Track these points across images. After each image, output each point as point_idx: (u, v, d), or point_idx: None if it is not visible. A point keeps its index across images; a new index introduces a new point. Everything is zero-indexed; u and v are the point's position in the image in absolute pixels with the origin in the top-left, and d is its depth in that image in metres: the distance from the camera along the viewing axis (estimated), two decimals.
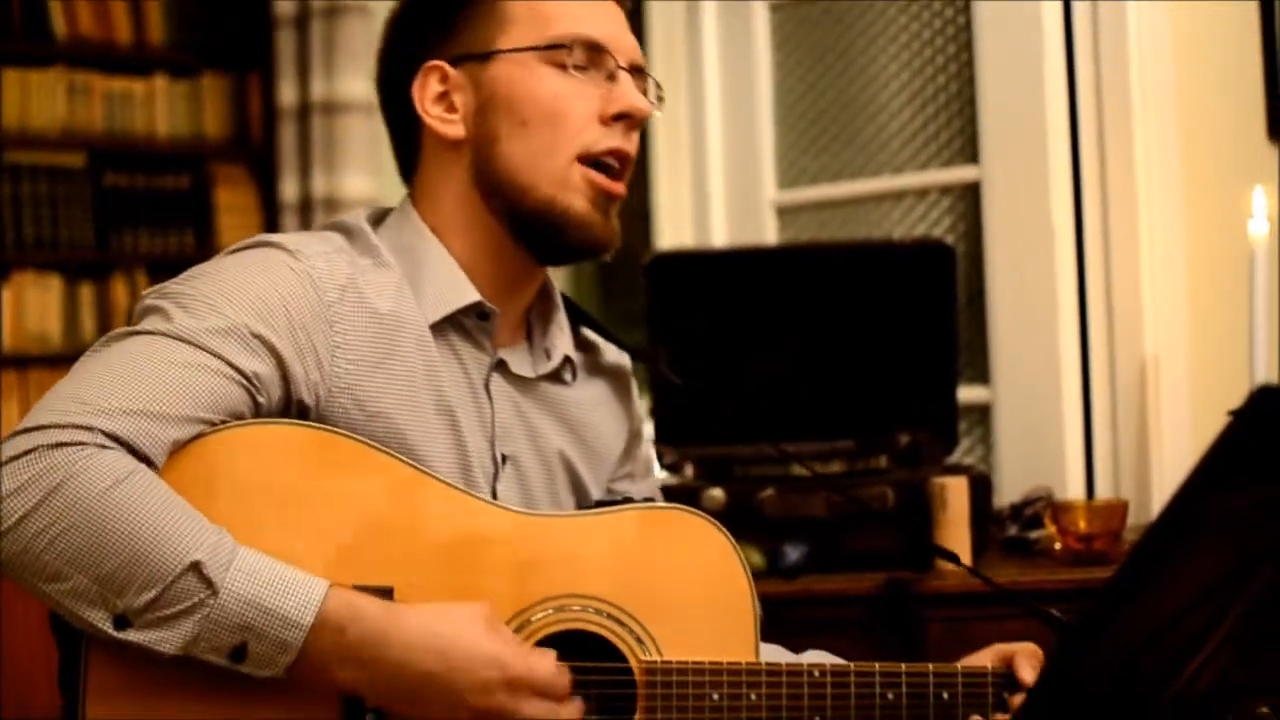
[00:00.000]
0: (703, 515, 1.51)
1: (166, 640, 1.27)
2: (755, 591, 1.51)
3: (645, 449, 1.78)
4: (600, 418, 1.68)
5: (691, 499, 2.17)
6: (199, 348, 1.36)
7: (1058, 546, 2.27)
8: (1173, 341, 2.64)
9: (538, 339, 1.62)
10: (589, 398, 1.67)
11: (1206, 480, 0.98)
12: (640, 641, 1.46)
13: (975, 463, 2.85)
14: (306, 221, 3.89)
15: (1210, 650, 1.08)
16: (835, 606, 2.20)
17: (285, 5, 4.00)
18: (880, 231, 3.05)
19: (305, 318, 1.42)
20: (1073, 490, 2.65)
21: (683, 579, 1.48)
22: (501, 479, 1.55)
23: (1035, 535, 2.39)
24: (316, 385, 1.43)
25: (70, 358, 1.40)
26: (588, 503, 1.64)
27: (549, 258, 1.57)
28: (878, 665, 1.50)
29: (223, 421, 1.37)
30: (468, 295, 1.52)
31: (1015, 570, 2.22)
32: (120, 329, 1.40)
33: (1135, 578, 1.01)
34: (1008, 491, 2.65)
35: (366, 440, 1.42)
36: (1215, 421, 1.02)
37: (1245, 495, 1.02)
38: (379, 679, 1.32)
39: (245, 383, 1.38)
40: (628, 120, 1.53)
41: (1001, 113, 2.80)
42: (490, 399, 1.56)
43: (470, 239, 1.55)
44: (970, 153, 2.91)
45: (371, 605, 1.32)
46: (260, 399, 1.39)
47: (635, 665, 1.45)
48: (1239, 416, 0.97)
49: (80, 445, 1.28)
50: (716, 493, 2.30)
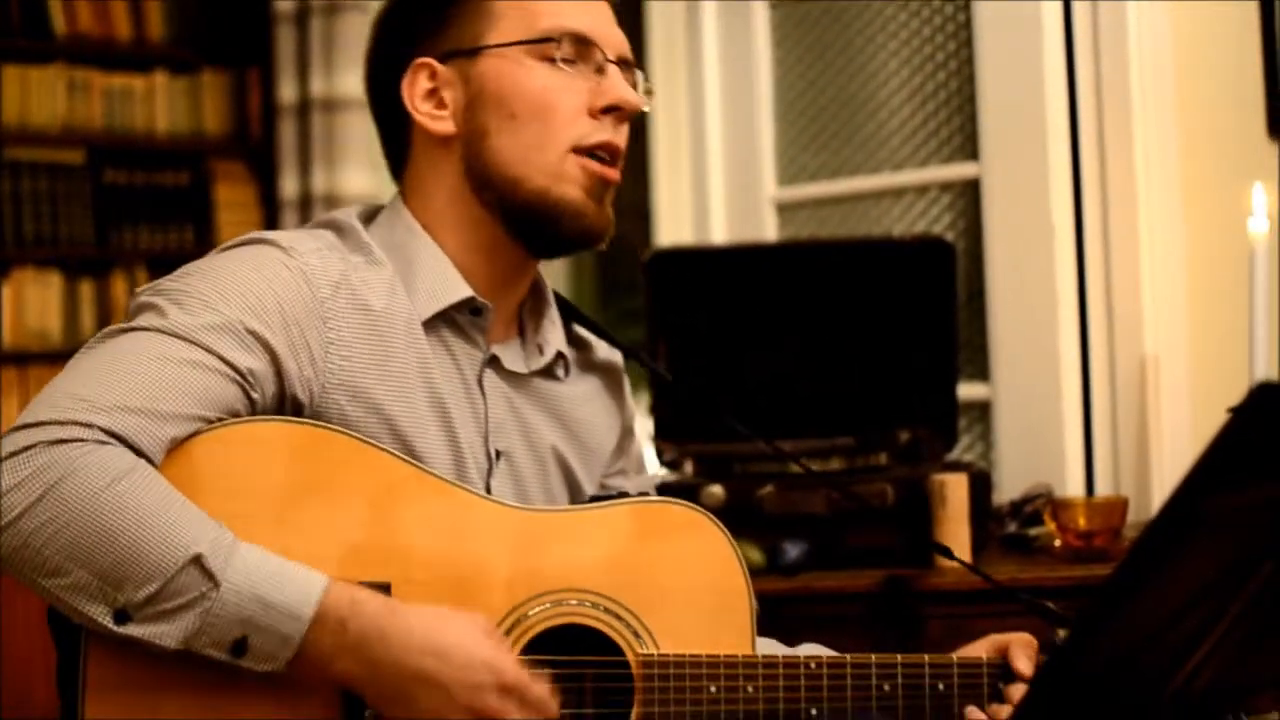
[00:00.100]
0: (697, 508, 1.51)
1: (167, 634, 1.28)
2: (751, 584, 1.51)
3: (638, 445, 1.79)
4: (593, 413, 1.69)
5: (691, 496, 2.17)
6: (194, 344, 1.37)
7: (1057, 543, 2.27)
8: (1172, 338, 2.64)
9: (530, 334, 1.62)
10: (582, 394, 1.68)
11: (1206, 477, 0.98)
12: (637, 635, 1.46)
13: (975, 460, 2.85)
14: (306, 218, 3.89)
15: (1210, 648, 1.08)
16: (835, 604, 2.20)
17: (285, 2, 4.00)
18: (880, 228, 3.05)
19: (299, 314, 1.42)
20: (1072, 487, 2.65)
21: (678, 572, 1.49)
22: (496, 475, 1.55)
23: (1035, 532, 2.39)
24: (310, 382, 1.43)
25: (70, 354, 1.40)
26: (582, 498, 1.65)
27: (544, 250, 1.57)
28: (874, 657, 1.51)
29: (218, 418, 1.37)
30: (460, 291, 1.53)
31: (1015, 567, 2.22)
32: (115, 326, 1.40)
33: (1135, 575, 1.01)
34: (1007, 488, 2.65)
35: (361, 436, 1.42)
36: (1215, 418, 1.02)
37: (1245, 493, 1.02)
38: (376, 675, 1.32)
39: (240, 379, 1.38)
40: (617, 113, 1.53)
41: (1001, 110, 2.80)
42: (484, 395, 1.56)
43: (462, 234, 1.55)
44: (970, 149, 2.90)
45: (372, 601, 1.32)
46: (255, 395, 1.39)
47: (632, 659, 1.46)
48: (1239, 414, 0.97)
49: (79, 442, 1.28)
50: (716, 490, 2.30)
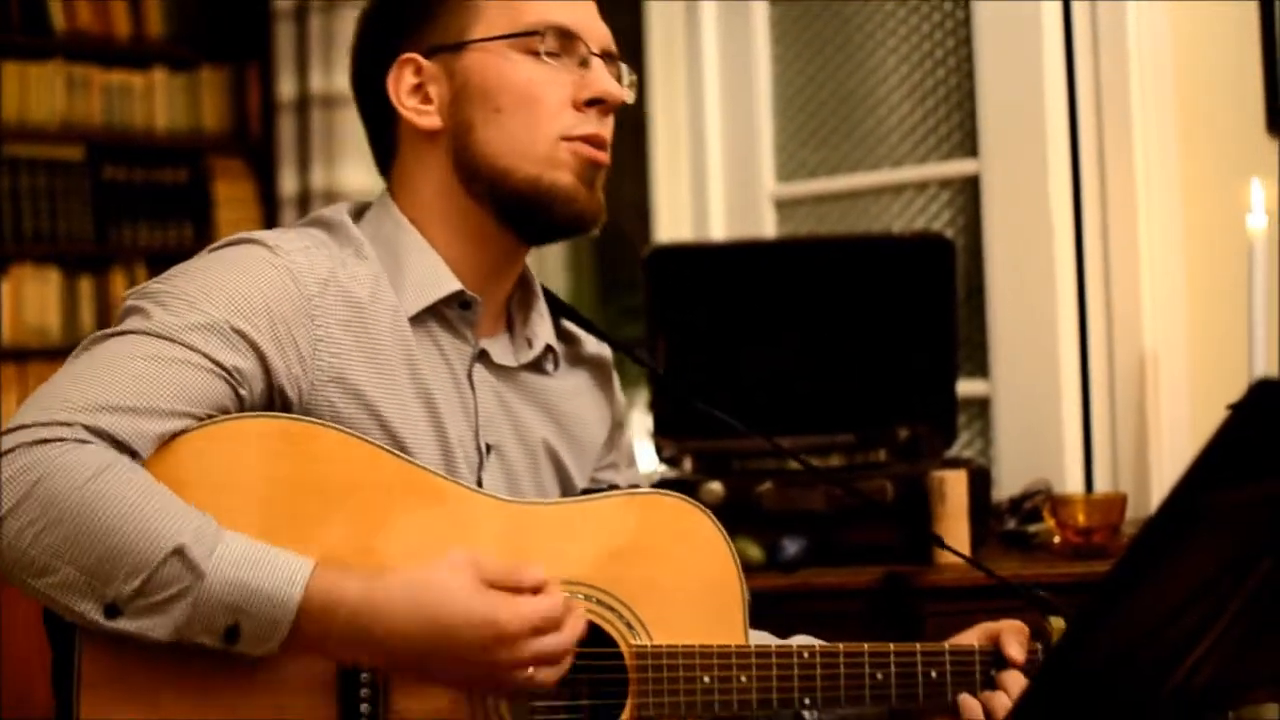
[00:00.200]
0: (688, 500, 1.52)
1: (158, 626, 1.28)
2: (742, 574, 1.52)
3: (628, 439, 1.79)
4: (582, 407, 1.69)
5: (690, 492, 2.17)
6: (180, 343, 1.37)
7: (1056, 540, 2.27)
8: (1172, 335, 2.64)
9: (518, 328, 1.62)
10: (571, 387, 1.68)
11: (1205, 474, 0.98)
12: (630, 626, 1.46)
13: (974, 456, 2.84)
14: (305, 214, 3.87)
15: (1209, 644, 1.08)
16: (834, 600, 2.20)
17: None
18: (879, 225, 3.05)
19: (286, 312, 1.42)
20: (1071, 484, 2.65)
21: (670, 563, 1.49)
22: (487, 468, 1.55)
23: (1034, 529, 2.39)
24: (299, 379, 1.43)
25: (69, 351, 1.41)
26: (573, 492, 1.64)
27: (536, 237, 1.57)
28: (866, 646, 1.51)
29: (207, 415, 1.37)
30: (449, 284, 1.53)
31: (1014, 564, 2.22)
32: (102, 331, 1.40)
33: (1134, 571, 1.01)
34: (1007, 485, 2.65)
35: (350, 431, 1.42)
36: (1214, 415, 1.02)
37: (1244, 489, 1.02)
38: (379, 655, 1.33)
39: (227, 377, 1.38)
40: (601, 106, 1.54)
41: (1001, 106, 2.80)
42: (473, 389, 1.56)
43: (451, 227, 1.55)
44: (969, 146, 2.90)
45: (353, 584, 1.31)
46: (243, 393, 1.39)
47: (625, 650, 1.46)
48: (1238, 410, 0.97)
49: (60, 441, 1.28)
50: (715, 486, 2.30)
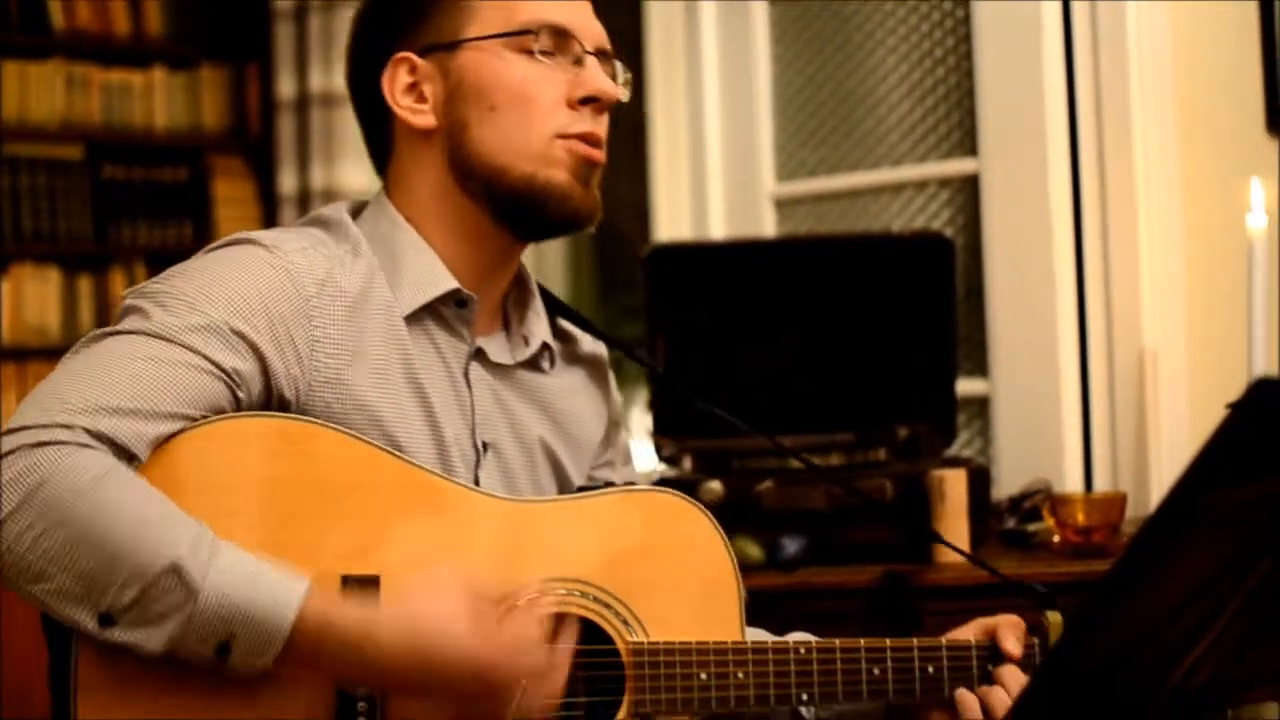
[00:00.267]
0: (684, 496, 1.52)
1: (151, 638, 1.27)
2: (739, 570, 1.52)
3: (624, 438, 1.79)
4: (579, 405, 1.69)
5: (690, 491, 2.17)
6: (179, 345, 1.36)
7: (1056, 539, 2.27)
8: (1171, 334, 2.64)
9: (515, 326, 1.63)
10: (567, 386, 1.68)
11: (1205, 473, 0.98)
12: (626, 623, 1.46)
13: (974, 455, 2.84)
14: (305, 213, 3.87)
15: (1208, 644, 1.08)
16: (834, 599, 2.20)
17: None
18: (879, 224, 3.04)
19: (284, 313, 1.42)
20: (1071, 483, 2.65)
21: (666, 560, 1.49)
22: (484, 467, 1.55)
23: (1034, 528, 2.39)
24: (297, 379, 1.43)
25: (68, 350, 1.40)
26: (570, 490, 1.64)
27: (532, 235, 1.58)
28: (863, 641, 1.51)
29: (203, 416, 1.37)
30: (445, 283, 1.53)
31: (1014, 563, 2.22)
32: (100, 329, 1.40)
33: (1133, 571, 1.01)
34: (1006, 484, 2.65)
35: (348, 431, 1.42)
36: (1214, 414, 1.02)
37: (1244, 488, 1.02)
38: (370, 677, 1.32)
39: (226, 378, 1.38)
40: (596, 104, 1.54)
41: (1000, 105, 2.80)
42: (470, 387, 1.56)
43: (447, 225, 1.55)
44: (969, 145, 2.90)
45: (346, 611, 1.31)
46: (240, 395, 1.39)
47: (622, 647, 1.46)
48: (1237, 409, 0.97)
49: (60, 444, 1.27)
50: (715, 485, 2.30)
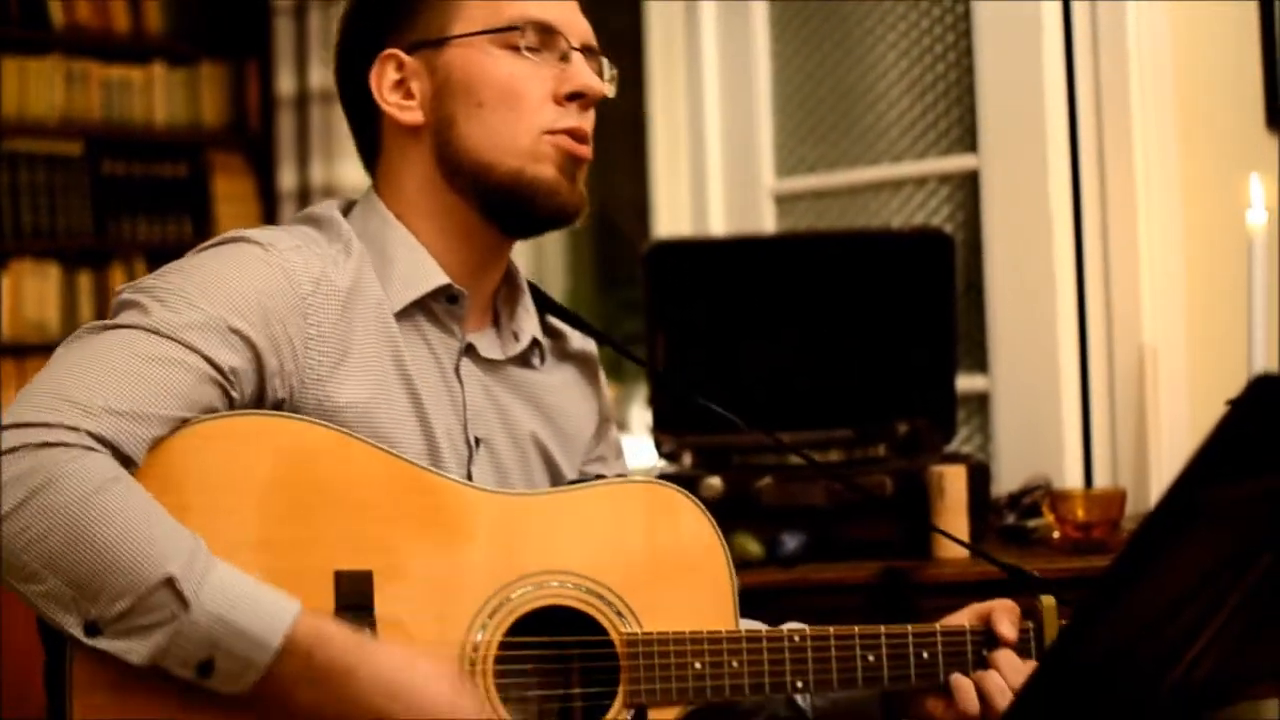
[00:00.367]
0: (675, 487, 1.53)
1: (135, 650, 1.27)
2: (731, 559, 1.52)
3: (615, 433, 1.80)
4: (570, 401, 1.69)
5: (689, 487, 2.17)
6: (177, 342, 1.36)
7: (1056, 535, 2.27)
8: (1171, 330, 2.64)
9: (505, 322, 1.63)
10: (558, 381, 1.68)
11: (1204, 469, 0.98)
12: (620, 614, 1.47)
13: (973, 451, 2.84)
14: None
15: (1208, 639, 1.08)
16: (833, 595, 2.20)
17: None
18: (879, 220, 3.05)
19: (280, 311, 1.43)
20: (1071, 479, 2.65)
21: (658, 550, 1.50)
22: (476, 462, 1.56)
23: (1033, 524, 2.39)
24: (290, 377, 1.43)
25: None
26: (562, 485, 1.65)
27: (519, 230, 1.58)
28: (857, 629, 1.52)
29: (197, 417, 1.37)
30: (435, 279, 1.53)
31: (1013, 559, 2.21)
32: (96, 322, 1.39)
33: (1133, 566, 1.01)
34: (1006, 480, 2.65)
35: (342, 429, 1.42)
36: (1213, 410, 1.02)
37: (1244, 484, 1.02)
38: (339, 709, 1.30)
39: (221, 378, 1.38)
40: (582, 100, 1.55)
41: (1000, 101, 2.80)
42: (461, 383, 1.56)
43: (435, 221, 1.56)
44: (969, 141, 2.90)
45: (340, 635, 1.31)
46: (234, 394, 1.40)
47: (616, 638, 1.46)
48: (1237, 405, 0.97)
49: (66, 446, 1.27)
50: (714, 481, 2.30)
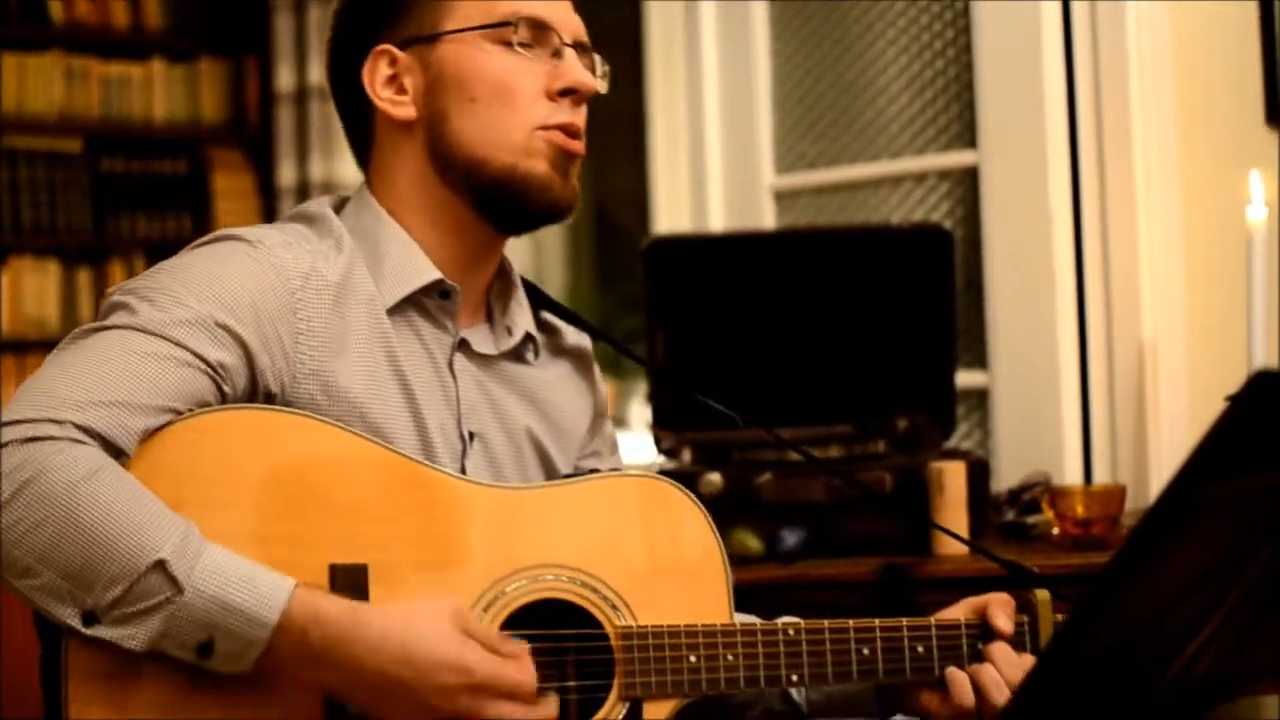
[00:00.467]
0: (670, 481, 1.53)
1: (133, 636, 1.27)
2: (726, 552, 1.53)
3: (610, 428, 1.80)
4: (564, 396, 1.69)
5: (689, 483, 2.17)
6: (165, 339, 1.37)
7: (1055, 531, 2.27)
8: (1171, 326, 2.64)
9: (498, 317, 1.63)
10: (552, 377, 1.68)
11: (1204, 465, 0.98)
12: (615, 607, 1.47)
13: (973, 448, 2.85)
14: None
15: (1208, 634, 1.08)
16: (833, 591, 2.20)
17: None
18: (878, 216, 3.05)
19: (270, 306, 1.43)
20: (1070, 475, 2.65)
21: (653, 544, 1.50)
22: (470, 456, 1.56)
23: (1033, 520, 2.39)
24: (282, 373, 1.44)
25: None
26: (557, 479, 1.65)
27: (511, 225, 1.58)
28: (852, 623, 1.52)
29: (189, 410, 1.37)
30: (428, 274, 1.53)
31: (1013, 555, 2.20)
32: (86, 325, 1.40)
33: (1133, 562, 1.01)
34: (1005, 476, 2.65)
35: (335, 423, 1.43)
36: (1213, 406, 1.02)
37: (1243, 480, 1.02)
38: (344, 680, 1.32)
39: (211, 372, 1.38)
40: (575, 95, 1.55)
41: (1000, 97, 2.80)
42: (454, 378, 1.56)
43: (428, 217, 1.56)
44: (968, 137, 2.90)
45: (335, 607, 1.31)
46: (226, 388, 1.40)
47: (611, 631, 1.46)
48: (1237, 401, 0.97)
49: (52, 439, 1.28)
50: (714, 477, 2.30)
